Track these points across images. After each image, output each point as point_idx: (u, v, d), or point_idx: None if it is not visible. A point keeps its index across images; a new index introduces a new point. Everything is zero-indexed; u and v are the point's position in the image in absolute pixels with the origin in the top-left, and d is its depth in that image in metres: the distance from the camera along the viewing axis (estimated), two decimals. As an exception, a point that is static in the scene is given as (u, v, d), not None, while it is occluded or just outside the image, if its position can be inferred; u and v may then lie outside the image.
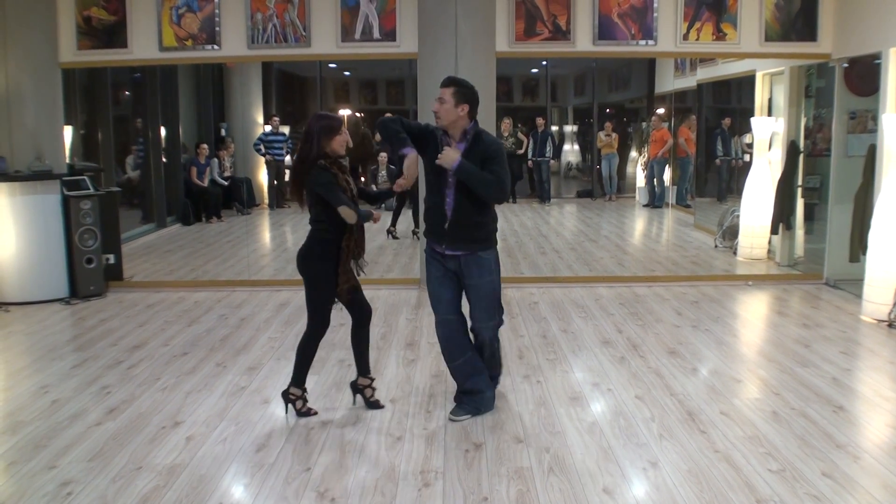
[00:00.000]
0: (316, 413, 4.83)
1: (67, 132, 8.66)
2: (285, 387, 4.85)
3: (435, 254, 4.70)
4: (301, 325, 6.84)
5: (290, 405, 4.82)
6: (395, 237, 11.03)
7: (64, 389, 5.36)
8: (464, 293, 4.79)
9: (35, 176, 7.84)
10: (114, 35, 8.20)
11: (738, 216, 9.70)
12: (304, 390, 4.84)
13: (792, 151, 8.81)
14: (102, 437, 4.55)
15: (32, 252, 7.85)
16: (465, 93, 4.55)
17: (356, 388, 4.99)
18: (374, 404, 4.94)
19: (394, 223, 11.20)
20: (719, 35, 8.17)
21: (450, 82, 4.60)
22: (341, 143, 4.60)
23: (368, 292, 7.91)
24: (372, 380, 5.00)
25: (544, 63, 15.83)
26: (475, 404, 4.79)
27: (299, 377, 4.80)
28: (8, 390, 5.43)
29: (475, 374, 4.80)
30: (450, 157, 4.43)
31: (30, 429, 4.69)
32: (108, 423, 4.76)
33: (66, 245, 8.01)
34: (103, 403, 5.09)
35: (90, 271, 8.08)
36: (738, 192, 9.82)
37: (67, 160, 8.52)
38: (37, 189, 7.85)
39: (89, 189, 8.11)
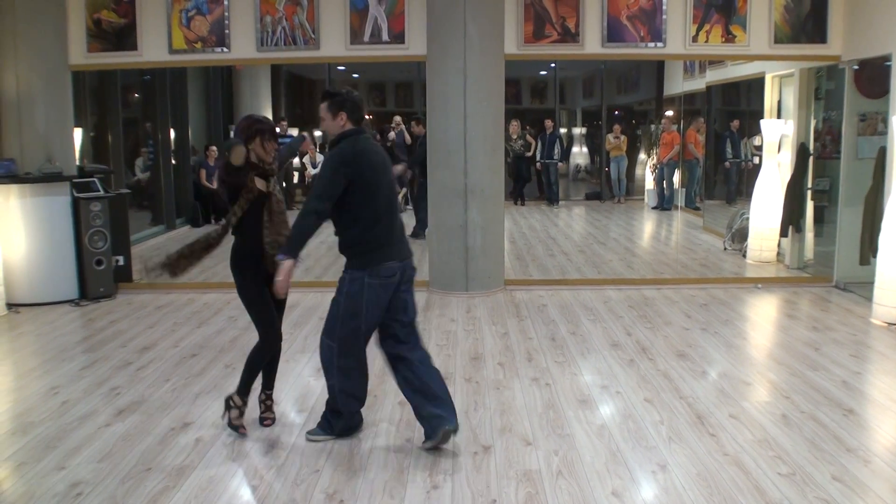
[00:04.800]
0: (245, 433, 4.59)
1: (77, 134, 8.70)
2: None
3: None
4: (309, 327, 6.88)
5: (227, 412, 4.64)
6: None
7: (74, 390, 5.38)
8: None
9: (45, 178, 7.87)
10: (124, 37, 8.23)
11: (747, 218, 9.67)
12: (245, 402, 4.64)
13: (801, 154, 8.78)
14: (112, 438, 4.57)
15: (42, 254, 7.88)
16: (338, 101, 4.32)
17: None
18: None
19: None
20: (728, 37, 8.15)
21: (322, 97, 4.38)
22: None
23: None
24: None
25: (553, 65, 15.85)
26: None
27: (245, 387, 4.62)
28: (18, 391, 5.45)
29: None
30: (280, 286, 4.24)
31: (40, 430, 4.71)
32: (118, 425, 4.77)
33: (76, 247, 8.04)
34: (113, 404, 5.10)
35: (100, 273, 8.10)
36: (748, 195, 9.80)
37: (77, 162, 8.55)
38: (47, 191, 7.88)
39: (99, 191, 8.14)
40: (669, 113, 13.29)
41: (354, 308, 4.28)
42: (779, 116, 9.48)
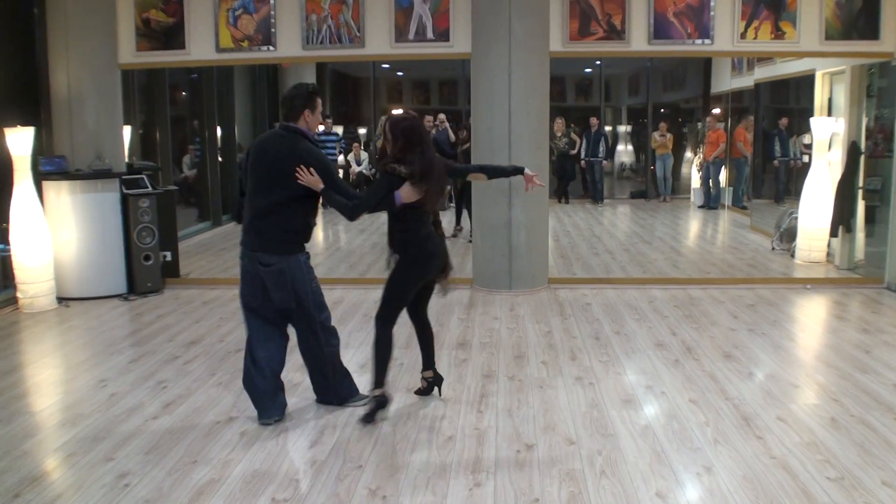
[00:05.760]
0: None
1: (126, 132, 8.84)
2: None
3: None
4: (353, 322, 6.91)
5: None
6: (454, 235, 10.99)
7: (122, 383, 5.47)
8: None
9: (95, 175, 8.01)
10: (172, 37, 8.34)
11: (796, 218, 9.52)
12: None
13: (853, 152, 8.62)
14: (159, 430, 4.63)
15: (92, 249, 8.02)
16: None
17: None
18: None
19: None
20: (778, 34, 8.02)
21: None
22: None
23: (420, 292, 7.99)
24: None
25: (598, 63, 15.75)
26: None
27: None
28: (68, 383, 5.56)
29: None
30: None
31: (89, 421, 4.79)
32: (165, 417, 4.84)
33: (125, 242, 8.17)
34: (160, 398, 5.18)
35: (148, 268, 8.22)
36: (796, 194, 9.64)
37: (126, 159, 8.70)
38: (97, 187, 8.02)
39: (147, 188, 8.26)
40: (716, 111, 13.14)
41: None
42: (829, 114, 9.31)
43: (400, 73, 15.89)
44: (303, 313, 4.73)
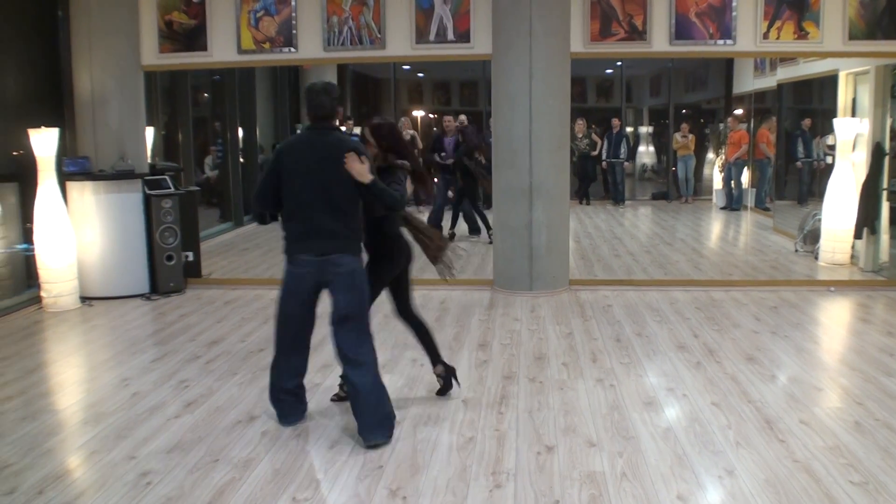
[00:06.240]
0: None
1: (149, 133, 8.90)
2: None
3: None
4: (377, 321, 6.91)
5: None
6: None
7: (144, 382, 5.50)
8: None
9: (118, 175, 8.08)
10: (194, 38, 8.39)
11: (819, 220, 9.43)
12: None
13: (877, 153, 8.53)
14: (180, 429, 4.66)
15: (115, 249, 8.09)
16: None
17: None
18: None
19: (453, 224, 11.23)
20: (801, 34, 7.96)
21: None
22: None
23: (442, 293, 8.02)
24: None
25: (619, 63, 15.67)
26: None
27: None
28: (91, 382, 5.60)
29: None
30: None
31: (111, 420, 4.83)
32: (186, 416, 4.86)
33: (148, 242, 8.23)
34: (181, 397, 5.21)
35: (170, 268, 8.28)
36: (820, 195, 9.55)
37: (149, 160, 8.76)
38: (120, 188, 8.08)
39: (170, 188, 8.32)
40: (738, 111, 13.04)
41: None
42: (853, 115, 9.22)
43: (420, 75, 15.87)
44: (361, 316, 4.54)
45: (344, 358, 4.47)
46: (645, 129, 16.52)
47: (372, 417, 4.40)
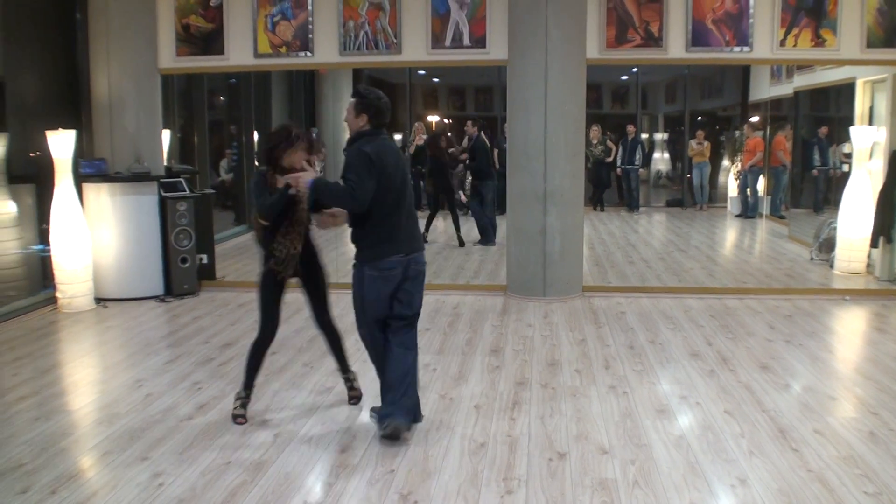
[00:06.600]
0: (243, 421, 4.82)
1: (165, 136, 8.95)
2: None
3: None
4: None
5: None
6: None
7: (157, 384, 5.53)
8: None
9: (134, 177, 8.12)
10: (211, 42, 8.43)
11: (835, 228, 9.37)
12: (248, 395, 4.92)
13: (894, 162, 8.47)
14: (193, 431, 4.68)
15: (130, 251, 8.13)
16: (364, 104, 4.49)
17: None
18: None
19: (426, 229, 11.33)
20: (818, 41, 7.92)
21: (352, 94, 4.57)
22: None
23: (455, 298, 8.02)
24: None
25: (634, 70, 15.62)
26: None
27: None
28: (105, 383, 5.63)
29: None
30: (301, 178, 4.45)
31: (124, 421, 4.85)
32: (199, 418, 4.88)
33: (163, 244, 8.27)
34: (194, 399, 5.23)
35: (184, 270, 8.31)
36: (836, 204, 9.50)
37: (165, 163, 8.80)
38: (136, 190, 8.13)
39: (185, 191, 8.36)
40: (754, 119, 12.99)
41: (358, 297, 4.61)
42: (870, 123, 9.17)
43: (436, 80, 15.89)
44: (417, 316, 4.74)
45: (401, 344, 4.59)
46: (660, 136, 16.47)
47: (411, 399, 4.56)
